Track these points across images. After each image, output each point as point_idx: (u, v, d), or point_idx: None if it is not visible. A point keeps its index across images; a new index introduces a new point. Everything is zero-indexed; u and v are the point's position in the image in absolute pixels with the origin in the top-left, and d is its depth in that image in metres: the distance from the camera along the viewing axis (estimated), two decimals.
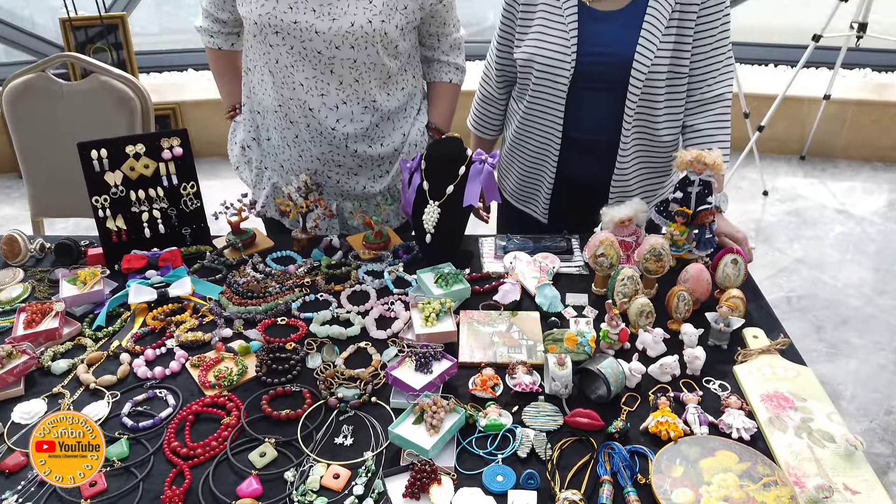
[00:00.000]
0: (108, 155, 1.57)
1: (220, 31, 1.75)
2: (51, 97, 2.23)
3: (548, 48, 1.58)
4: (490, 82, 1.79)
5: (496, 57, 1.73)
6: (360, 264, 1.58)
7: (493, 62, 1.75)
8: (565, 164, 1.68)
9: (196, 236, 1.66)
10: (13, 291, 1.51)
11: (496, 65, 1.74)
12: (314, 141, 1.64)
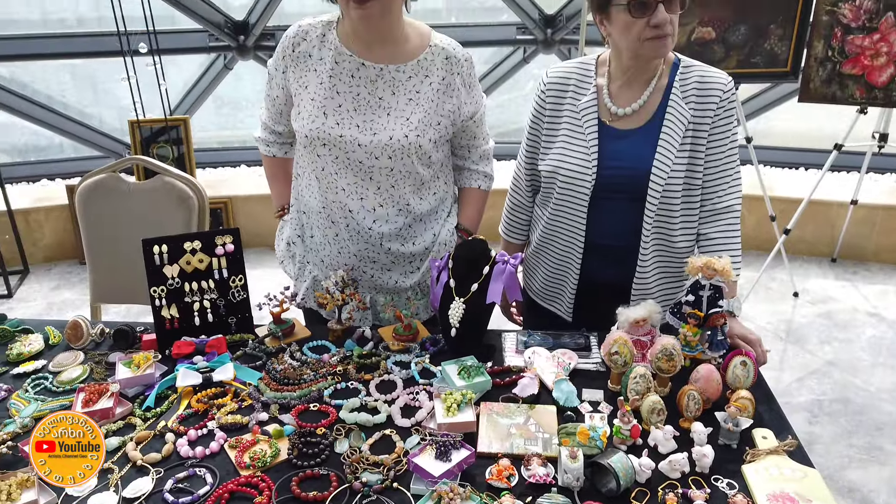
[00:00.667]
0: (168, 250, 1.75)
1: (275, 141, 1.96)
2: (119, 195, 2.46)
3: (571, 161, 1.73)
4: (520, 191, 1.94)
5: (524, 167, 1.89)
6: (390, 355, 1.69)
7: (523, 172, 1.91)
8: (588, 267, 1.80)
9: (240, 325, 1.80)
10: (73, 372, 1.65)
11: (525, 174, 1.90)
12: (352, 239, 1.80)
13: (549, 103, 1.79)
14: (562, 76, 1.79)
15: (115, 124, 5.16)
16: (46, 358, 1.74)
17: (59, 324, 1.89)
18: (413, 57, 1.75)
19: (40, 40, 4.51)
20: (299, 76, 1.76)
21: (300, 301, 1.90)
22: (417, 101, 1.74)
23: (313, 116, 1.72)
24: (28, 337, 1.80)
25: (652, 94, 1.70)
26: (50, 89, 5.01)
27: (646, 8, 1.55)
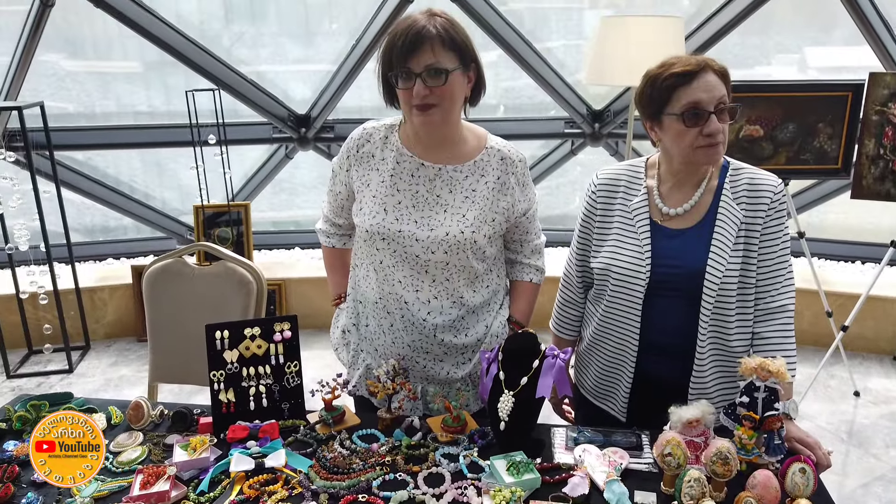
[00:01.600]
0: (228, 336, 1.82)
1: (335, 233, 2.06)
2: (184, 279, 2.58)
3: (624, 259, 1.76)
4: (571, 287, 1.97)
5: (576, 264, 1.93)
6: (438, 446, 1.70)
7: (574, 269, 1.94)
8: (643, 364, 1.80)
9: (293, 411, 1.84)
10: (133, 453, 1.70)
11: (576, 271, 1.94)
12: (407, 330, 1.85)
13: (601, 204, 1.85)
14: (612, 178, 1.85)
15: (177, 205, 5.43)
16: (108, 437, 1.80)
17: (121, 403, 1.96)
18: (470, 158, 1.84)
19: (119, 131, 4.85)
20: (362, 174, 1.87)
21: (352, 388, 1.94)
22: (473, 198, 1.81)
23: (374, 212, 1.81)
24: (93, 416, 1.87)
25: (703, 195, 1.74)
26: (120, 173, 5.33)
27: (699, 118, 1.62)
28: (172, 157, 5.42)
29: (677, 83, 1.64)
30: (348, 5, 4.98)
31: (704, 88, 1.62)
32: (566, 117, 4.86)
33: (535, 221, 1.96)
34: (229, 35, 4.84)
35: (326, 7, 5.04)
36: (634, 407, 1.85)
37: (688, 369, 1.76)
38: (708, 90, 1.62)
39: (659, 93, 1.68)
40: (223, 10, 4.95)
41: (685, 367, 1.76)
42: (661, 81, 1.67)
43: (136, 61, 5.04)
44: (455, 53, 1.69)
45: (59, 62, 4.90)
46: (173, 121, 4.85)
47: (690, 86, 1.63)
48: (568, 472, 1.58)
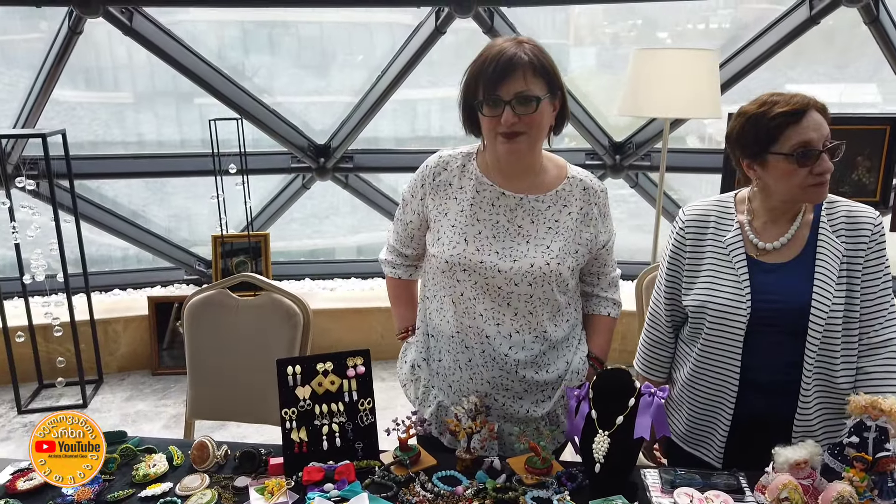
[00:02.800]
0: (301, 371, 1.74)
1: (402, 263, 1.99)
2: (227, 311, 2.49)
3: (721, 296, 1.71)
4: (659, 327, 1.91)
5: (664, 302, 1.87)
6: (527, 489, 1.61)
7: (662, 307, 1.88)
8: (742, 404, 1.73)
9: (367, 450, 1.75)
10: (203, 498, 1.60)
11: (665, 309, 1.87)
12: (487, 365, 1.77)
13: (690, 240, 1.80)
14: (700, 214, 1.81)
15: (185, 236, 5.34)
16: (171, 480, 1.70)
17: (180, 443, 1.86)
18: (551, 187, 1.79)
19: (137, 160, 4.77)
20: (439, 203, 1.81)
21: (427, 427, 1.85)
22: (557, 229, 1.76)
23: (454, 242, 1.75)
24: (153, 457, 1.76)
25: (799, 229, 1.70)
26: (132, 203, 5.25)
27: (810, 157, 1.59)
28: (183, 187, 5.36)
29: (786, 122, 1.61)
30: (365, 37, 4.99)
31: (814, 127, 1.60)
32: (588, 149, 4.86)
33: (613, 253, 1.91)
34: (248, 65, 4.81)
35: (345, 39, 5.04)
36: (731, 450, 1.78)
37: (791, 407, 1.69)
38: (817, 129, 1.60)
39: (766, 132, 1.63)
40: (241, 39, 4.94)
41: (788, 405, 1.69)
42: (769, 120, 1.62)
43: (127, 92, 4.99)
44: (544, 81, 1.65)
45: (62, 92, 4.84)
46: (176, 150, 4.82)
47: (800, 125, 1.60)
48: None
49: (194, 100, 4.97)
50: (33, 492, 1.57)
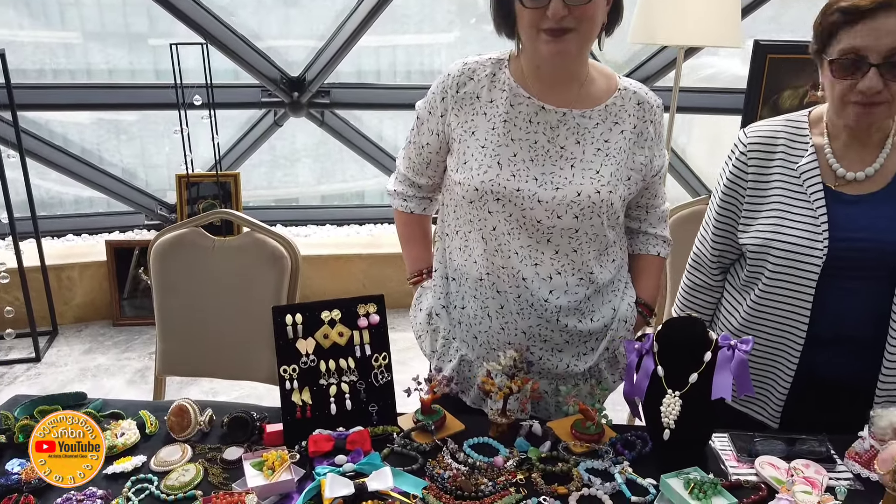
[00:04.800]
0: (302, 321, 1.43)
1: (414, 195, 1.68)
2: (202, 252, 2.15)
3: (790, 233, 1.44)
4: (704, 268, 1.65)
5: (713, 242, 1.60)
6: (579, 460, 1.36)
7: (709, 246, 1.61)
8: (807, 362, 1.49)
9: (383, 414, 1.47)
10: (185, 475, 1.30)
11: (713, 250, 1.61)
12: (522, 313, 1.49)
13: (753, 166, 1.52)
14: (767, 135, 1.52)
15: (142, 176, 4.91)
16: (144, 452, 1.39)
17: (152, 406, 1.55)
18: (600, 101, 1.49)
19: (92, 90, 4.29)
20: (464, 120, 1.50)
21: (454, 387, 1.57)
22: (607, 151, 1.47)
23: (485, 167, 1.45)
24: (119, 424, 1.45)
25: (889, 155, 1.43)
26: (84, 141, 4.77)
27: (850, 69, 1.32)
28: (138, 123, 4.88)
29: (841, 21, 1.33)
30: None
31: (871, 34, 1.30)
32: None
33: (663, 183, 1.63)
34: None
35: None
36: (790, 410, 1.55)
37: (868, 366, 1.46)
38: (876, 36, 1.30)
39: (822, 29, 1.38)
40: None
41: (867, 362, 1.46)
42: (827, 16, 1.36)
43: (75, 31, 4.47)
44: None
45: None
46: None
47: (854, 27, 1.32)
48: (757, 492, 1.26)
49: (149, 41, 4.47)
50: None
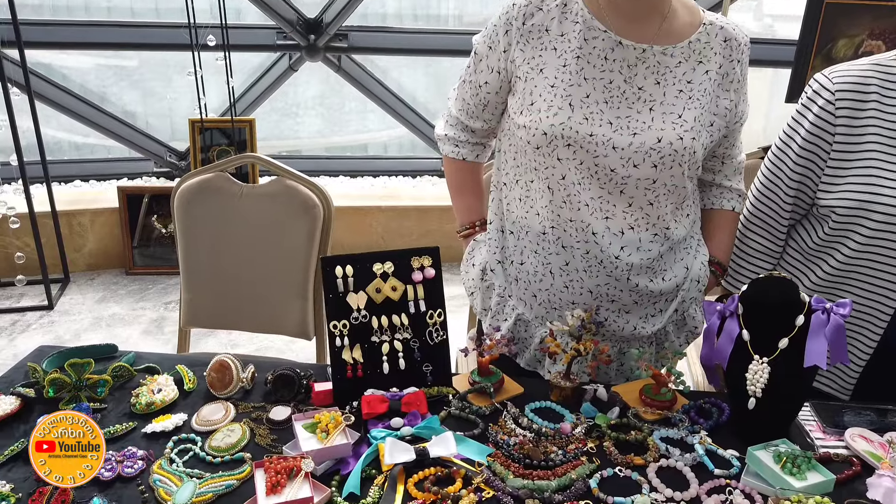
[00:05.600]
0: (353, 273, 1.32)
1: (467, 140, 1.55)
2: (229, 198, 2.03)
3: (892, 192, 1.31)
4: (769, 233, 1.51)
5: (786, 201, 1.46)
6: (652, 428, 1.26)
7: (780, 207, 1.47)
8: (891, 332, 1.38)
9: (437, 375, 1.36)
10: (231, 436, 1.21)
11: (785, 212, 1.47)
12: (590, 271, 1.38)
13: (843, 116, 1.37)
14: (858, 80, 1.37)
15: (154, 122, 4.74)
16: (184, 409, 1.30)
17: (189, 360, 1.46)
18: (683, 37, 1.35)
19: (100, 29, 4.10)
20: (531, 56, 1.36)
21: (513, 347, 1.46)
22: (690, 93, 1.33)
23: (555, 108, 1.31)
24: (155, 379, 1.36)
25: None
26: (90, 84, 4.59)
27: None
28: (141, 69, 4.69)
29: None
30: None
31: None
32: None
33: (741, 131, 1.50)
34: None
35: None
36: (862, 383, 1.45)
37: None
38: None
39: None
40: None
41: None
42: None
43: None
44: None
45: None
46: None
47: None
48: (850, 467, 1.17)
49: None
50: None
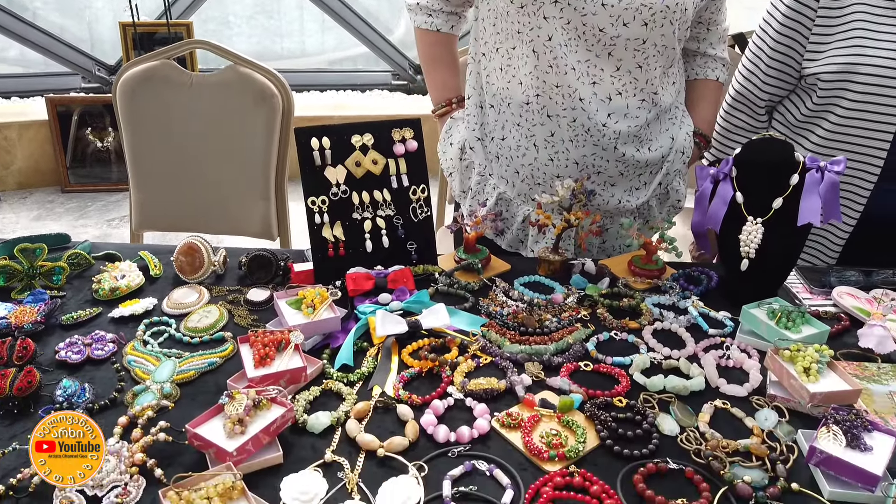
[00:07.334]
0: (331, 145, 1.23)
1: (441, 9, 1.44)
2: (177, 88, 1.88)
3: (879, 54, 1.28)
4: (749, 108, 1.49)
5: (765, 76, 1.43)
6: (644, 295, 1.24)
7: (760, 83, 1.45)
8: (879, 196, 1.38)
9: (422, 253, 1.30)
10: (208, 317, 1.14)
11: (765, 85, 1.44)
12: (577, 140, 1.32)
13: None
14: None
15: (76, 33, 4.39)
16: (151, 294, 1.21)
17: (153, 249, 1.36)
18: None
19: None
20: None
21: (499, 224, 1.41)
22: None
23: None
24: (116, 266, 1.26)
25: None
26: None
27: None
28: None
29: None
30: None
31: None
32: None
33: None
34: None
35: None
36: (846, 252, 1.46)
37: None
38: None
39: None
40: None
41: None
42: None
43: None
44: None
45: None
46: None
47: None
48: (838, 321, 1.18)
49: None
50: None
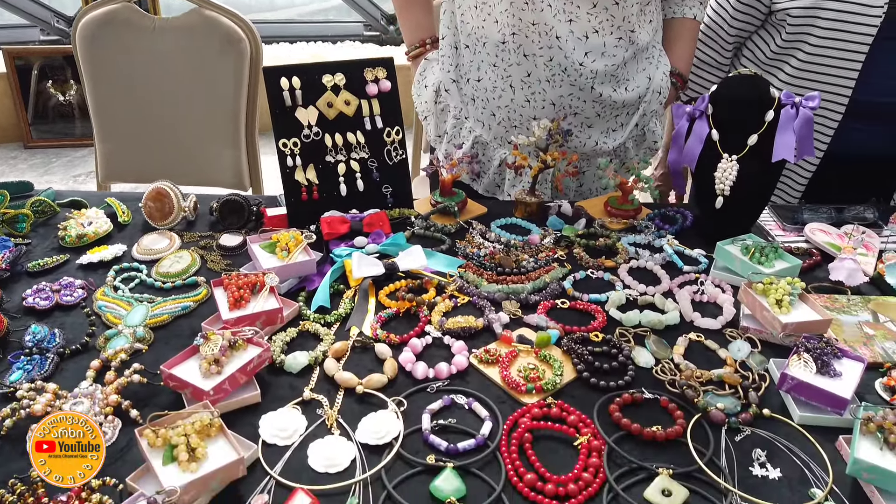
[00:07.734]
0: (301, 85, 1.19)
1: None
2: (140, 32, 1.81)
3: None
4: (716, 44, 1.51)
5: (734, 10, 1.44)
6: (620, 235, 1.24)
7: (729, 18, 1.46)
8: (843, 134, 1.39)
9: (397, 196, 1.29)
10: (180, 261, 1.11)
11: (734, 20, 1.45)
12: (553, 80, 1.30)
13: None
14: None
15: None
16: (120, 241, 1.18)
17: (121, 196, 1.32)
18: None
19: None
20: None
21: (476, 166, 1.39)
22: None
23: None
24: (82, 213, 1.22)
25: None
26: None
27: None
28: None
29: None
30: None
31: None
32: None
33: None
34: None
35: None
36: (811, 189, 1.48)
37: None
38: None
39: None
40: None
41: None
42: None
43: None
44: None
45: None
46: None
47: None
48: (810, 257, 1.19)
49: None
50: None
